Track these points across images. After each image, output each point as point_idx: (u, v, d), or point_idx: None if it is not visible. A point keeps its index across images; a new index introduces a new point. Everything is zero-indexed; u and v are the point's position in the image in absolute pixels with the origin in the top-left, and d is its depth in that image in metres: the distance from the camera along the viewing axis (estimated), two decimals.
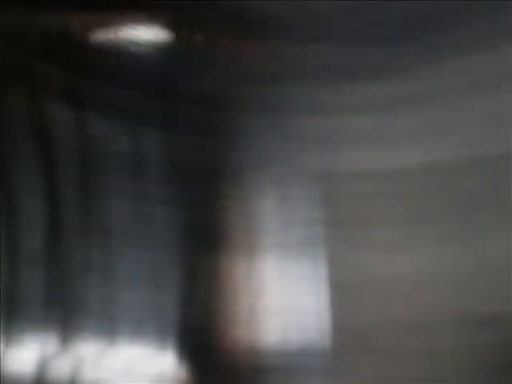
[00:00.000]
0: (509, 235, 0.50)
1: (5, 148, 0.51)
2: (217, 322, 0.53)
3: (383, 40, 0.53)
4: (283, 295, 0.54)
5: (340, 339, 0.52)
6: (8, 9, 0.51)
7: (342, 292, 0.53)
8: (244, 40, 0.54)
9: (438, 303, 0.51)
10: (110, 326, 0.52)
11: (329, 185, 0.54)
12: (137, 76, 0.54)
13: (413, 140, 0.53)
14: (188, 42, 0.54)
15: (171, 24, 0.54)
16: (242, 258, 0.54)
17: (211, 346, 0.53)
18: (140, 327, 0.53)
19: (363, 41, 0.53)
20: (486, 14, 0.51)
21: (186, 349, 0.53)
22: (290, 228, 0.54)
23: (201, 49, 0.54)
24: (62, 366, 0.51)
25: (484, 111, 0.52)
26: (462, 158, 0.52)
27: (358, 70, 0.54)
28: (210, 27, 0.54)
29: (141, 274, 0.53)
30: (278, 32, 0.54)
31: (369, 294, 0.52)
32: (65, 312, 0.51)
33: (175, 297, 0.53)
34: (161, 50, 0.54)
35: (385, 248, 0.52)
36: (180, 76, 0.54)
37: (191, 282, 0.54)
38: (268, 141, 0.55)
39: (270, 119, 0.54)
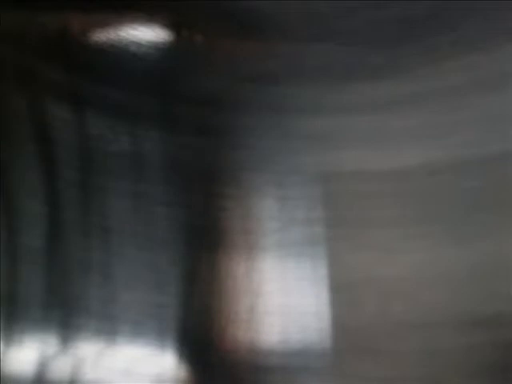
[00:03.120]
0: (509, 235, 0.50)
1: (5, 148, 0.51)
2: (217, 322, 0.53)
3: (383, 40, 0.53)
4: (283, 295, 0.54)
5: (340, 339, 0.52)
6: (8, 9, 0.51)
7: (342, 292, 0.53)
8: (244, 40, 0.54)
9: (437, 303, 0.51)
10: (110, 326, 0.52)
11: (329, 185, 0.54)
12: (137, 76, 0.54)
13: (413, 140, 0.53)
14: (188, 42, 0.54)
15: (171, 24, 0.54)
16: (242, 258, 0.54)
17: (211, 346, 0.53)
18: (140, 327, 0.53)
19: (363, 41, 0.53)
20: (486, 14, 0.51)
21: (186, 349, 0.53)
22: (290, 228, 0.54)
23: (201, 49, 0.54)
24: (61, 366, 0.51)
25: (484, 111, 0.52)
26: (462, 158, 0.52)
27: (358, 70, 0.54)
28: (209, 27, 0.54)
29: (141, 274, 0.53)
30: (277, 32, 0.54)
31: (369, 294, 0.52)
32: (65, 312, 0.51)
33: (175, 297, 0.53)
34: (161, 50, 0.54)
35: (385, 248, 0.52)
36: (180, 76, 0.54)
37: (191, 282, 0.54)
38: (268, 141, 0.55)
39: (270, 119, 0.54)
